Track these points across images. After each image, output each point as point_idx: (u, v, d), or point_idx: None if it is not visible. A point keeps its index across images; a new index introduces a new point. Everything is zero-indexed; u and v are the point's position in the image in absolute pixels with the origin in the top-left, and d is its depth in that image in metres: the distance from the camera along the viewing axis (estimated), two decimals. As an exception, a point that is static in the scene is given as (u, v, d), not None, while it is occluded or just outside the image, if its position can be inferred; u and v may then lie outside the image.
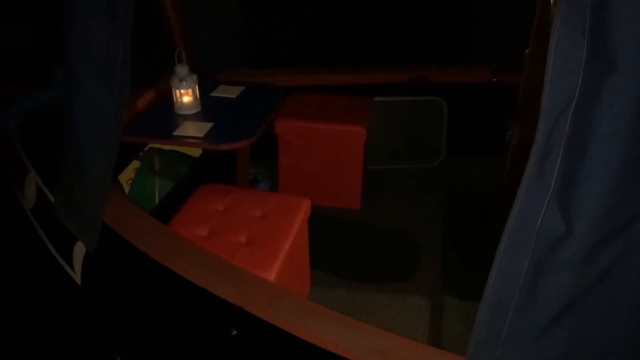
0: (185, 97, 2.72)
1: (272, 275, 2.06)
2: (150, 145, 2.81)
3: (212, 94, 2.98)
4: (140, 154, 2.86)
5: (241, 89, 3.03)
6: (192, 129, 2.56)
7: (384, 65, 3.69)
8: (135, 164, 2.89)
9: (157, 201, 2.97)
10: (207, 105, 2.83)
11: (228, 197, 2.46)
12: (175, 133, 2.53)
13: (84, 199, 2.18)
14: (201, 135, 2.51)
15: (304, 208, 2.41)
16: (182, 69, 2.68)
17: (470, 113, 3.79)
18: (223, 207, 2.42)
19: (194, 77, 2.72)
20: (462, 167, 3.83)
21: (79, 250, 2.23)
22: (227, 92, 2.99)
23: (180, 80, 2.68)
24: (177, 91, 2.70)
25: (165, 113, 2.76)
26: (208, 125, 2.59)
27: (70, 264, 2.31)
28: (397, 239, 3.13)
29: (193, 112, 2.75)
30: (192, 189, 2.89)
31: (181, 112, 2.73)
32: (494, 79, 3.59)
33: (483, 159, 3.85)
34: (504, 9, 3.54)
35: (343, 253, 3.01)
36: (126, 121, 2.62)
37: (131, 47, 1.98)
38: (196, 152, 3.13)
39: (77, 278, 2.27)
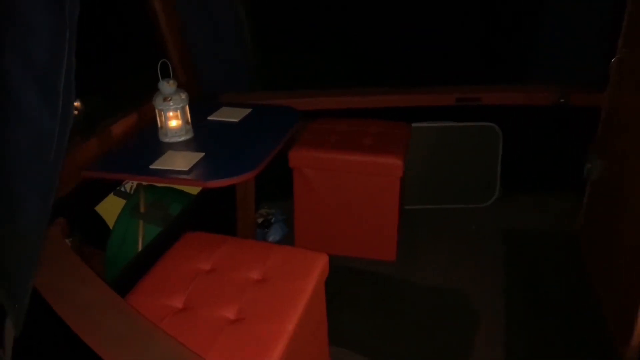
0: (172, 120, 2.14)
1: (267, 374, 1.41)
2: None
3: (209, 117, 2.39)
4: (119, 188, 2.29)
5: (247, 111, 2.43)
6: (175, 161, 1.97)
7: (424, 84, 3.05)
8: (112, 197, 2.32)
9: (139, 249, 2.38)
10: (202, 132, 2.24)
11: (218, 250, 1.84)
12: (152, 166, 1.93)
13: (13, 254, 1.60)
14: (185, 168, 1.91)
15: (319, 267, 1.76)
16: (167, 86, 2.10)
17: (532, 142, 3.12)
18: (209, 266, 1.79)
19: (183, 95, 2.14)
20: (523, 208, 3.13)
21: (10, 327, 1.63)
22: (229, 115, 2.40)
23: (165, 99, 2.10)
24: (162, 113, 2.13)
25: (148, 142, 2.18)
26: (197, 156, 1.99)
27: (1, 341, 1.71)
28: (443, 304, 2.43)
29: (181, 139, 2.16)
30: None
31: (167, 140, 2.15)
32: (562, 100, 2.91)
33: (549, 198, 3.15)
34: (571, 16, 2.89)
35: (373, 322, 2.32)
36: (93, 153, 2.05)
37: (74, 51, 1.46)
38: (195, 190, 2.54)
39: (7, 363, 1.67)
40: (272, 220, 2.88)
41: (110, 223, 2.46)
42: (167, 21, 2.46)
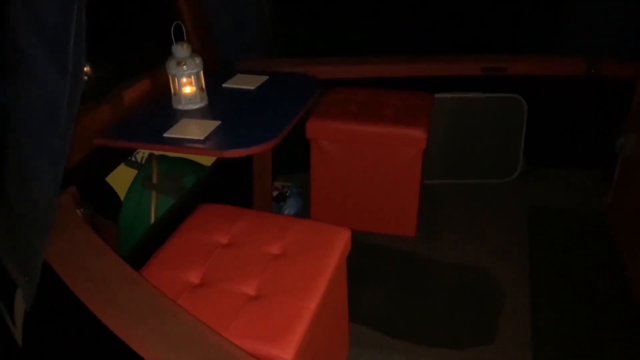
0: (186, 86, 2.04)
1: (290, 353, 1.33)
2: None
3: (224, 85, 2.28)
4: (130, 158, 2.20)
5: (263, 78, 2.32)
6: (190, 129, 1.87)
7: (448, 53, 2.91)
8: (123, 168, 2.24)
9: (152, 221, 2.30)
10: (217, 99, 2.14)
11: (236, 224, 1.75)
12: (166, 134, 1.84)
13: (24, 223, 1.53)
14: (201, 137, 1.81)
15: (342, 242, 1.68)
16: (181, 49, 1.99)
17: (558, 115, 2.98)
18: (227, 239, 1.70)
19: (197, 60, 2.03)
20: (547, 184, 3.01)
21: (20, 301, 1.57)
22: (245, 82, 2.29)
23: (179, 64, 1.99)
24: (175, 78, 2.02)
25: (161, 109, 2.08)
26: (213, 125, 1.89)
27: (12, 315, 1.65)
28: (466, 282, 2.34)
29: (196, 106, 2.06)
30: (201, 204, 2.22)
31: (180, 107, 2.05)
32: (592, 71, 2.77)
33: (575, 173, 3.02)
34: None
35: (394, 300, 2.24)
36: (105, 120, 1.96)
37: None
38: (209, 160, 2.44)
39: (18, 337, 1.61)
40: (287, 194, 2.79)
41: (122, 194, 2.38)
42: None
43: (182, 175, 2.38)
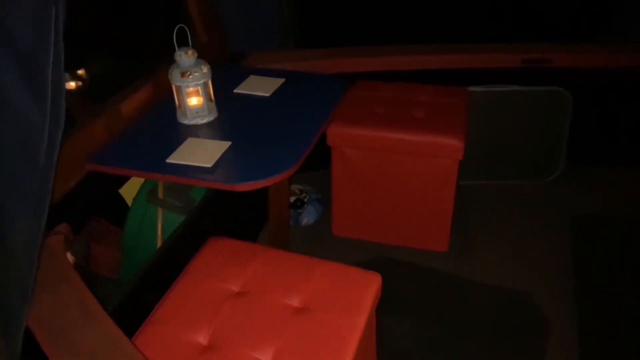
0: (192, 97, 1.78)
1: None
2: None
3: (236, 90, 2.02)
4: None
5: (279, 82, 2.05)
6: (197, 153, 1.63)
7: (483, 42, 2.60)
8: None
9: (159, 243, 2.10)
10: (227, 109, 1.88)
11: (249, 265, 1.53)
12: (169, 160, 1.60)
13: (3, 282, 1.32)
14: (209, 164, 1.57)
15: (373, 292, 1.45)
16: (185, 57, 1.73)
17: (607, 110, 2.68)
18: (239, 286, 1.49)
19: (205, 68, 1.77)
20: (591, 184, 2.74)
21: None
22: (258, 86, 2.03)
23: (184, 74, 1.73)
24: (180, 90, 1.77)
25: (164, 123, 1.84)
26: (223, 147, 1.65)
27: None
28: (504, 306, 2.12)
29: (204, 120, 1.81)
30: (210, 226, 2.01)
31: (186, 122, 1.80)
32: (647, 62, 2.46)
33: (622, 173, 2.74)
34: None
35: (424, 328, 2.03)
36: (100, 138, 1.72)
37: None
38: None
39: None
40: (306, 200, 2.56)
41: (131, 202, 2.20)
42: None
43: (190, 187, 2.17)
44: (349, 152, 2.21)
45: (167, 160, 1.60)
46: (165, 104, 1.90)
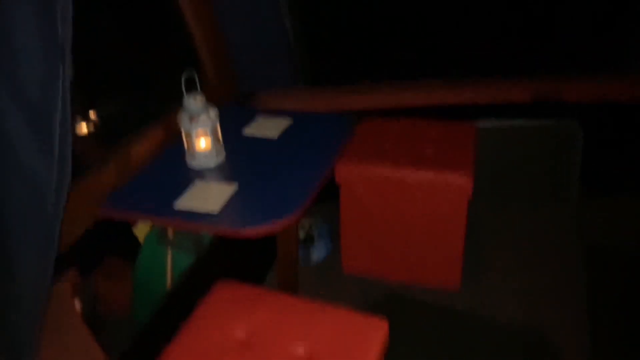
0: (200, 141, 1.81)
1: None
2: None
3: (243, 132, 2.05)
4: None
5: (287, 123, 2.08)
6: (204, 198, 1.65)
7: (491, 75, 2.60)
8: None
9: (168, 284, 2.11)
10: (235, 151, 1.91)
11: (255, 311, 1.52)
12: (177, 205, 1.62)
13: (9, 331, 1.34)
14: (215, 209, 1.58)
15: (380, 339, 1.44)
16: (193, 102, 1.76)
17: (619, 140, 2.65)
18: (244, 333, 1.48)
19: (212, 113, 1.80)
20: (606, 214, 2.69)
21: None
22: (266, 128, 2.05)
23: (192, 119, 1.77)
24: (189, 134, 1.80)
25: (174, 166, 1.86)
26: (229, 191, 1.67)
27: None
28: (518, 346, 2.07)
29: (212, 164, 1.83)
30: (219, 266, 2.02)
31: (195, 165, 1.83)
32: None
33: (637, 203, 2.69)
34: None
35: (436, 369, 2.00)
36: (111, 183, 1.75)
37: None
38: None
39: None
40: (316, 235, 2.56)
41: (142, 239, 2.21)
42: (191, 4, 2.08)
43: (201, 226, 2.18)
44: (358, 189, 2.22)
45: (175, 207, 1.62)
46: (175, 147, 1.93)
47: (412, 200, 2.18)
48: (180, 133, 1.86)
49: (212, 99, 1.85)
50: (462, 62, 2.69)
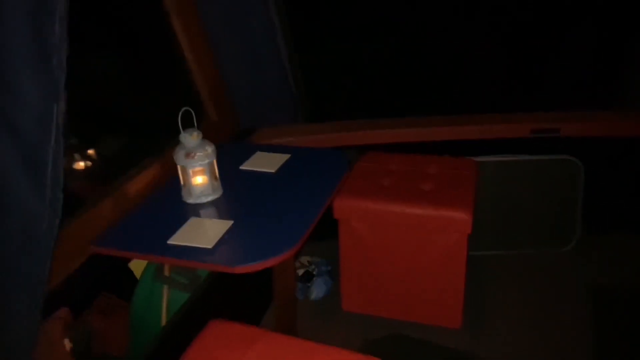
0: (197, 177, 1.81)
1: None
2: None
3: (242, 167, 2.05)
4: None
5: (284, 158, 2.08)
6: (198, 234, 1.63)
7: (491, 111, 2.61)
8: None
9: (164, 321, 2.07)
10: (232, 186, 1.90)
11: (247, 353, 1.49)
12: (171, 241, 1.61)
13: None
14: (209, 245, 1.57)
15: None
16: (190, 138, 1.77)
17: (620, 176, 2.64)
18: (236, 376, 1.44)
19: (209, 148, 1.80)
20: (610, 253, 2.65)
21: None
22: (264, 163, 2.05)
23: (188, 155, 1.77)
24: (185, 170, 1.80)
25: (170, 201, 1.86)
26: (224, 226, 1.65)
27: None
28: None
29: (208, 199, 1.83)
30: (215, 304, 1.99)
31: (191, 201, 1.82)
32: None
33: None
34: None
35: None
36: (106, 219, 1.74)
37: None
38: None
39: None
40: (315, 273, 2.53)
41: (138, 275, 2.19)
42: (190, 44, 2.11)
43: (197, 263, 2.16)
44: (357, 225, 2.20)
45: (169, 242, 1.60)
46: (172, 183, 1.93)
47: (412, 236, 2.16)
48: (176, 170, 1.86)
49: (212, 136, 1.86)
50: (462, 100, 2.70)
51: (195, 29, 2.12)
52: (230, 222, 1.67)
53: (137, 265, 2.21)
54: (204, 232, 1.64)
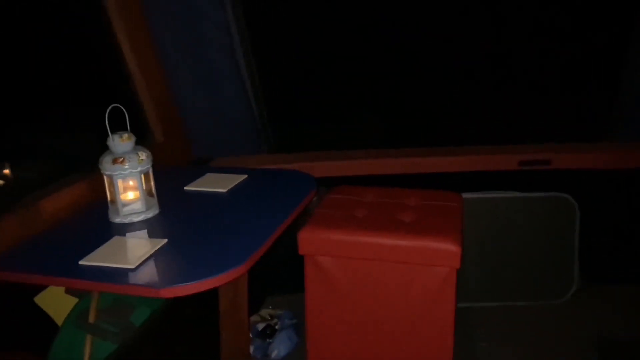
0: (128, 192, 1.47)
1: None
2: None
3: (186, 187, 1.72)
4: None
5: (240, 178, 1.76)
6: (120, 254, 1.27)
7: (477, 143, 2.37)
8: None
9: (83, 380, 1.65)
10: (173, 208, 1.56)
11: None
12: (83, 261, 1.24)
13: None
14: (132, 265, 1.21)
15: None
16: (119, 142, 1.45)
17: (618, 217, 2.38)
18: None
19: (143, 155, 1.48)
20: (612, 306, 2.35)
21: None
22: (215, 183, 1.73)
23: (116, 161, 1.44)
24: (111, 180, 1.46)
25: (94, 222, 1.51)
26: (155, 245, 1.30)
27: None
28: None
29: (140, 218, 1.48)
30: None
31: (118, 220, 1.47)
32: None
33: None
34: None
35: None
36: (7, 240, 1.38)
37: None
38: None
39: None
40: (277, 327, 2.14)
41: (58, 319, 1.77)
42: (136, 58, 1.85)
43: (132, 308, 1.77)
44: (325, 261, 1.85)
45: (80, 263, 1.24)
46: (100, 204, 1.58)
47: (390, 273, 1.81)
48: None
49: (157, 161, 1.55)
50: (443, 131, 2.46)
51: (139, 31, 1.86)
52: (162, 241, 1.32)
53: (49, 302, 1.80)
54: (127, 251, 1.29)
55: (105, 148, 1.48)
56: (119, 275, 1.19)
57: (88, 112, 1.87)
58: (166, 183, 1.65)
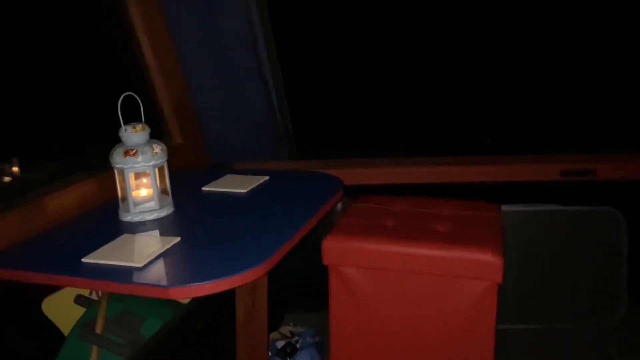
0: (140, 188, 1.36)
1: None
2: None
3: (204, 188, 1.59)
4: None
5: (261, 179, 1.63)
6: (127, 252, 1.15)
7: (518, 153, 2.22)
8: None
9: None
10: (189, 207, 1.44)
11: None
12: (86, 259, 1.12)
13: None
14: (140, 263, 1.08)
15: None
16: (132, 132, 1.34)
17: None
18: None
19: (157, 147, 1.36)
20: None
21: None
22: (234, 184, 1.60)
23: (128, 153, 1.32)
24: (123, 174, 1.34)
25: (103, 220, 1.39)
26: (167, 243, 1.17)
27: None
28: None
29: (152, 216, 1.35)
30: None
31: (128, 218, 1.35)
32: None
33: None
34: None
35: None
36: (9, 237, 1.27)
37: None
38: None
39: None
40: (299, 345, 1.98)
41: (65, 329, 1.65)
42: (156, 60, 1.75)
43: (142, 319, 1.64)
44: (351, 273, 1.70)
45: (83, 260, 1.12)
46: (111, 204, 1.47)
47: (423, 288, 1.65)
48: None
49: (174, 164, 1.44)
50: (477, 138, 2.31)
51: (162, 45, 1.77)
52: (175, 239, 1.20)
53: (55, 311, 1.69)
54: (135, 249, 1.16)
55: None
56: (124, 274, 1.06)
57: (105, 112, 1.79)
58: (183, 183, 1.54)
